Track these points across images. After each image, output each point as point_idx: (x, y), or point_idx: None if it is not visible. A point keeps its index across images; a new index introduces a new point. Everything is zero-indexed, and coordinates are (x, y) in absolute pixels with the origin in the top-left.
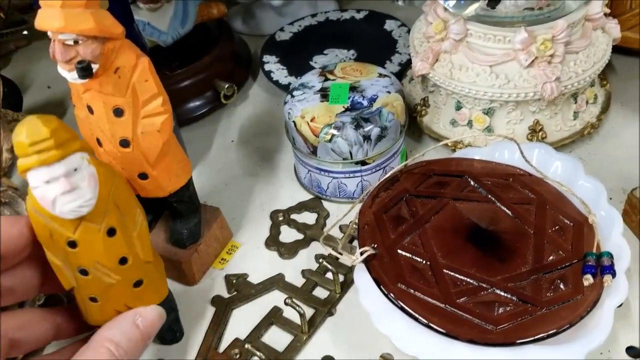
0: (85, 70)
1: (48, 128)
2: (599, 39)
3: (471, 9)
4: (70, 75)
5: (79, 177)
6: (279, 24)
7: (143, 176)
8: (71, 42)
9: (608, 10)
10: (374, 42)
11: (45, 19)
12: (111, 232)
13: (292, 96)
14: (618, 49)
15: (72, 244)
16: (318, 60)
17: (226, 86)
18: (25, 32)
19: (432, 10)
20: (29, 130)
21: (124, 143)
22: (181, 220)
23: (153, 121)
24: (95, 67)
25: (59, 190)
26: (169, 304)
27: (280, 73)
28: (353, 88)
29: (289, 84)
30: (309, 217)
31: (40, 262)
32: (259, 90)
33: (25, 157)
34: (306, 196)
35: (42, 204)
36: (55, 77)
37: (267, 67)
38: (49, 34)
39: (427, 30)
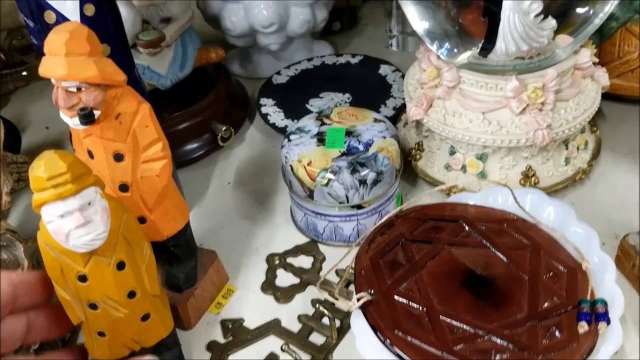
0: (87, 117)
1: (65, 162)
2: (588, 87)
3: (463, 57)
4: (72, 121)
5: (92, 211)
6: (275, 67)
7: (141, 220)
8: (74, 89)
9: (597, 59)
10: (368, 86)
11: (50, 67)
12: (121, 265)
13: (289, 140)
14: (607, 96)
15: (83, 278)
16: (314, 104)
17: (223, 129)
18: (24, 73)
19: (425, 58)
20: (47, 165)
21: (123, 187)
22: (178, 264)
23: (152, 166)
24: (97, 113)
25: (73, 224)
26: (173, 338)
27: (276, 116)
28: (349, 133)
29: (286, 126)
30: (305, 261)
31: (24, 314)
32: (256, 132)
33: (41, 192)
34: (302, 239)
35: (55, 238)
36: (54, 117)
37: (264, 110)
38: (52, 80)
39: (420, 77)
